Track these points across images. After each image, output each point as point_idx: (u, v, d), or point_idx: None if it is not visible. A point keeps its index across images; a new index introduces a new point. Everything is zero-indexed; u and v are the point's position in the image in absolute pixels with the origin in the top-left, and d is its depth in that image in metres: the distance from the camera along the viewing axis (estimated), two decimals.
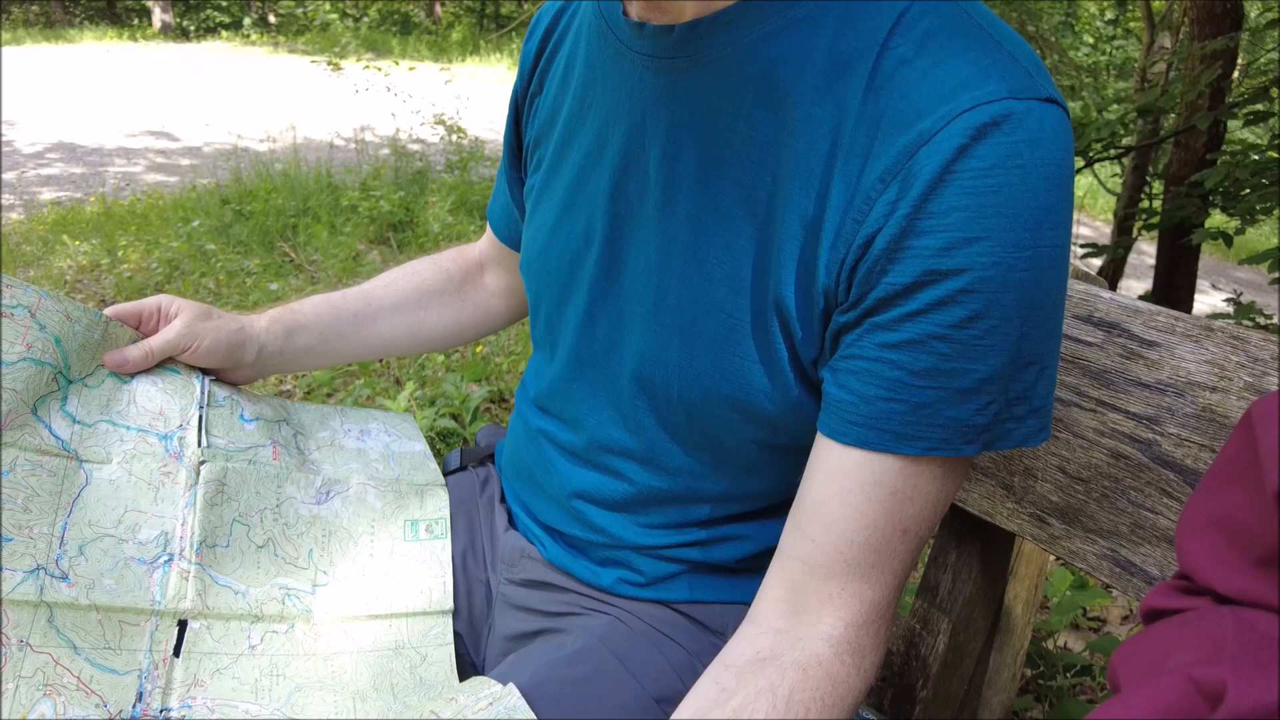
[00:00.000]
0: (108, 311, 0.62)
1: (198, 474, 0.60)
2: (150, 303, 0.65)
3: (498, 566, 0.70)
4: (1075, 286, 0.62)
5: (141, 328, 0.65)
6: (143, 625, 0.55)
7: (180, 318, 0.65)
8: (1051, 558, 0.89)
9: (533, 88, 0.65)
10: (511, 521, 0.72)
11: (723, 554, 0.61)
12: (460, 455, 0.81)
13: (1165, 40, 2.84)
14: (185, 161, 5.32)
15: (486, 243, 0.83)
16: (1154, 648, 0.37)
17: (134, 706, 0.52)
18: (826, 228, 0.46)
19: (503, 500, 0.74)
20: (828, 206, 0.46)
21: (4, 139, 5.59)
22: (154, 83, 8.01)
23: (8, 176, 4.74)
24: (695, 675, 0.58)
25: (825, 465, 0.49)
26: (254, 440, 0.64)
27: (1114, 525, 0.58)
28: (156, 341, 0.63)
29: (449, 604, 0.67)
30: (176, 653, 0.55)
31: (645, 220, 0.54)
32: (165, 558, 0.57)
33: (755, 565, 0.61)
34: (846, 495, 0.47)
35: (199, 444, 0.61)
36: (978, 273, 0.42)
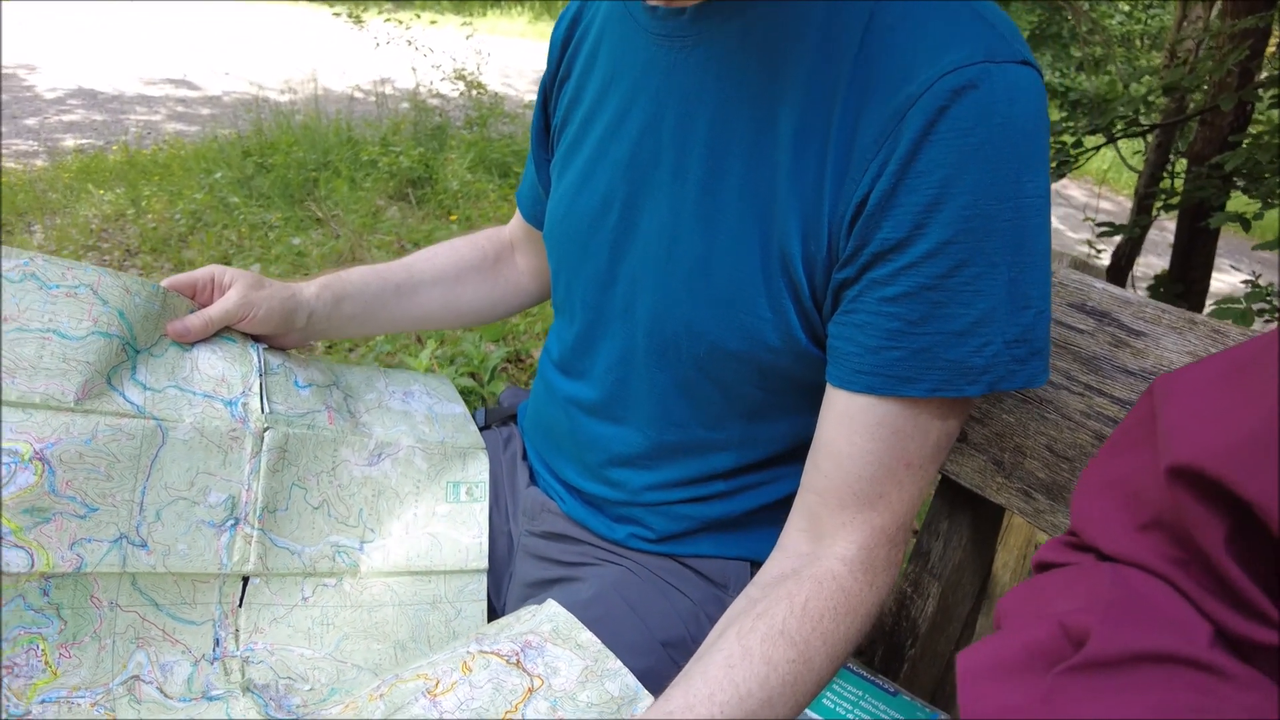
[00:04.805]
0: (164, 283, 0.66)
1: (262, 440, 0.64)
2: (203, 273, 0.69)
3: (519, 519, 0.76)
4: (1070, 275, 0.65)
5: (197, 297, 0.68)
6: (212, 583, 0.60)
7: (235, 287, 0.68)
8: (1039, 531, 0.93)
9: (561, 73, 0.69)
10: (533, 478, 0.77)
11: (730, 508, 0.66)
12: (485, 414, 0.86)
13: (1198, 10, 2.78)
14: (205, 111, 5.33)
15: (516, 224, 0.87)
16: (1038, 595, 0.41)
17: (214, 650, 0.59)
18: (827, 186, 0.50)
19: (524, 457, 0.79)
20: (826, 167, 0.50)
21: (25, 84, 5.61)
22: (171, 30, 7.97)
23: (30, 122, 4.78)
24: (699, 622, 0.64)
25: (834, 409, 0.54)
26: (310, 406, 0.69)
27: None
28: (215, 311, 0.66)
29: (484, 563, 0.72)
30: (240, 603, 0.61)
31: (659, 186, 0.58)
32: (231, 521, 0.62)
33: (760, 519, 0.66)
34: (853, 435, 0.52)
35: (262, 410, 0.65)
36: (962, 224, 0.47)
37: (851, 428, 0.52)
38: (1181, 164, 2.71)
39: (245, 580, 0.62)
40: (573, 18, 0.68)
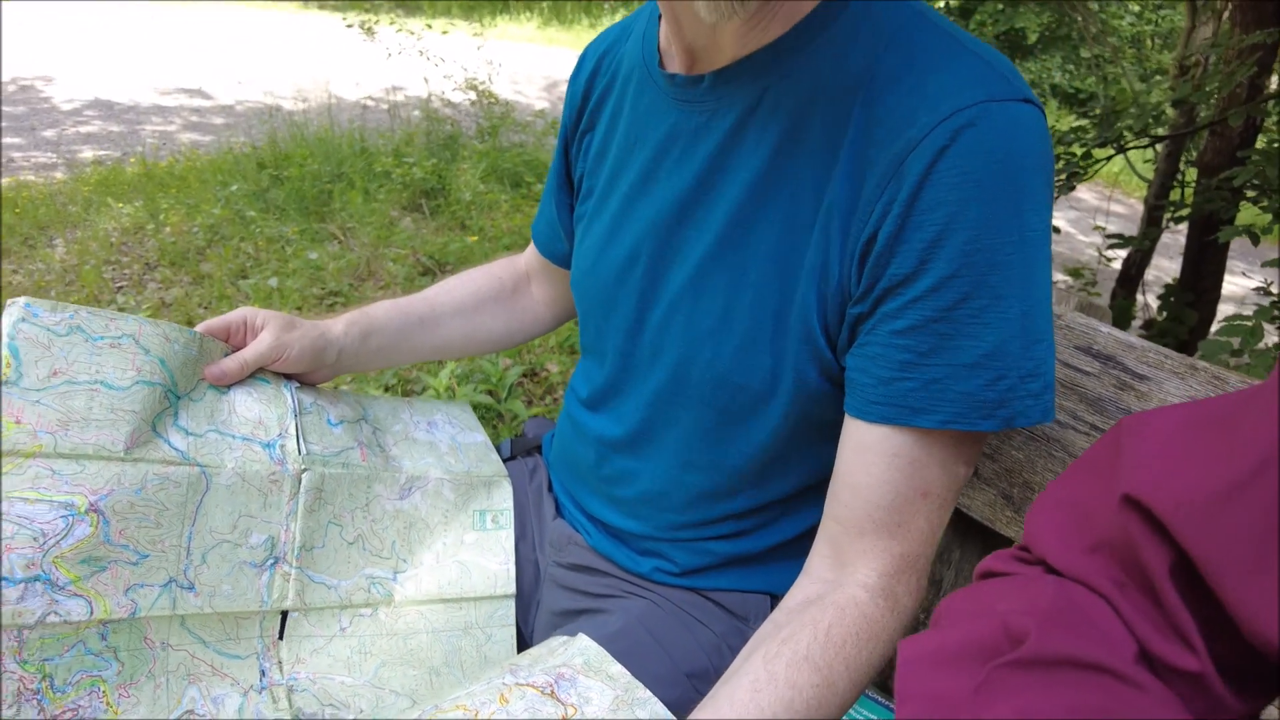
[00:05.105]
0: (199, 328, 0.68)
1: (299, 482, 0.67)
2: (235, 317, 0.71)
3: (546, 549, 0.79)
4: (1077, 319, 0.68)
5: (231, 340, 0.71)
6: (253, 618, 0.63)
7: (268, 330, 0.71)
8: None
9: (583, 125, 0.72)
10: (559, 510, 0.80)
11: (751, 544, 0.69)
12: (510, 445, 0.89)
13: (1207, 31, 2.79)
14: (219, 120, 5.39)
15: (532, 256, 0.90)
16: (981, 599, 0.44)
17: (261, 680, 0.62)
18: (835, 229, 0.53)
19: (550, 489, 0.82)
20: (836, 211, 0.53)
21: (43, 95, 5.69)
22: (185, 38, 8.05)
23: (48, 134, 4.85)
24: (720, 654, 0.67)
25: (852, 439, 0.56)
26: (343, 444, 0.72)
27: None
28: (250, 354, 0.69)
29: (511, 589, 0.75)
30: (281, 636, 0.64)
31: (684, 242, 0.61)
32: (271, 561, 0.65)
33: (780, 553, 0.68)
34: (870, 466, 0.54)
35: (299, 452, 0.68)
36: (964, 259, 0.49)
37: (869, 458, 0.55)
38: (1192, 173, 2.72)
39: (284, 613, 0.65)
40: (592, 69, 0.71)
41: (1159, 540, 0.36)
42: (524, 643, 0.77)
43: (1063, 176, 2.39)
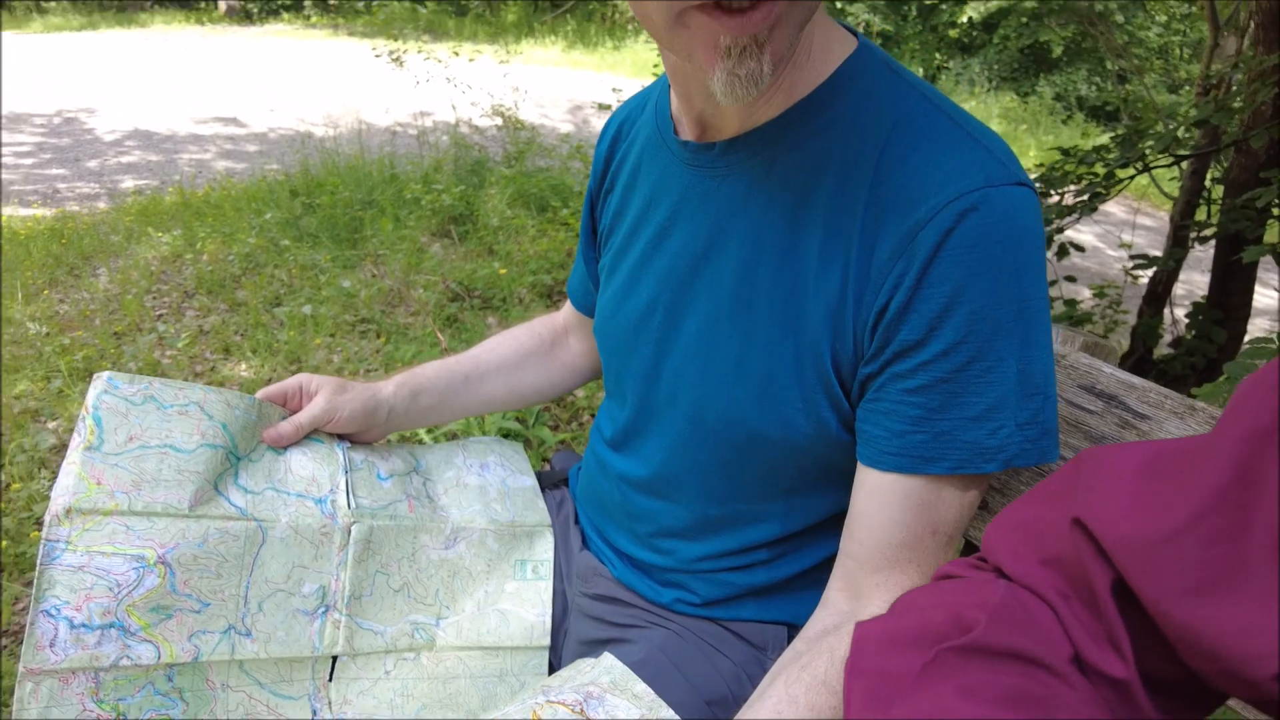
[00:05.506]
0: (258, 394, 0.75)
1: (349, 534, 0.71)
2: (292, 383, 0.77)
3: (573, 580, 0.82)
4: (1080, 359, 0.70)
5: (288, 405, 0.77)
6: (305, 662, 0.68)
7: (321, 394, 0.77)
8: None
9: (605, 185, 0.77)
10: (585, 542, 0.84)
11: (771, 575, 0.72)
12: (539, 478, 0.93)
13: (1230, 46, 2.78)
14: (252, 148, 5.55)
15: (569, 312, 0.95)
16: (937, 594, 0.47)
17: (313, 718, 0.67)
18: (849, 296, 0.58)
19: (576, 521, 0.86)
20: (849, 280, 0.57)
21: (86, 127, 5.90)
22: (219, 67, 8.29)
23: (91, 165, 5.03)
24: (739, 682, 0.70)
25: (866, 485, 0.60)
26: (392, 497, 0.76)
27: None
28: (304, 417, 0.75)
29: (546, 641, 0.79)
30: (330, 678, 0.69)
31: (698, 295, 0.66)
32: (322, 609, 0.69)
33: (799, 584, 0.72)
34: (884, 508, 0.59)
35: (349, 506, 0.72)
36: (969, 327, 0.53)
37: (882, 501, 0.59)
38: (1219, 190, 2.70)
39: (334, 658, 0.70)
40: (614, 135, 0.77)
41: (1103, 562, 0.40)
42: (553, 669, 0.81)
43: (1085, 197, 2.39)
